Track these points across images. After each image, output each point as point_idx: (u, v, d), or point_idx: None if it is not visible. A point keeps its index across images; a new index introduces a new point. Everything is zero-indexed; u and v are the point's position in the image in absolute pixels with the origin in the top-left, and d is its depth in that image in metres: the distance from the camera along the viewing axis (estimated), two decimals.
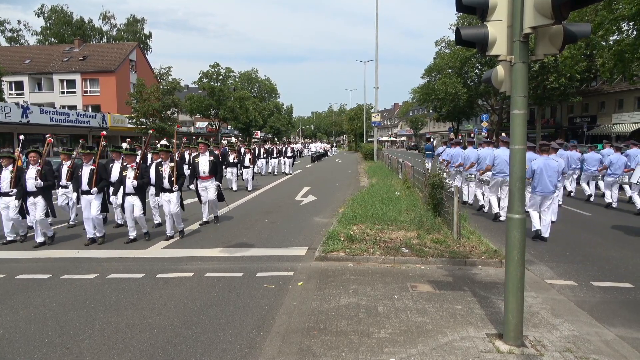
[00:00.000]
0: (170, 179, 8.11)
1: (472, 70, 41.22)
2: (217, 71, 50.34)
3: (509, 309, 3.92)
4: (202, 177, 9.52)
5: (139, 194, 7.92)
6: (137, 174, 7.83)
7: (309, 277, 5.92)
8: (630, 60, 20.72)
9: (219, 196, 9.67)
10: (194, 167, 9.62)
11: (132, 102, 36.52)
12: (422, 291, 5.34)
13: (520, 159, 3.85)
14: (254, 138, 50.40)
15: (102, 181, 8.05)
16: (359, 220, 8.85)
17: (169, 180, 8.13)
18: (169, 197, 8.15)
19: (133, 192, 7.86)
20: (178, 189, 8.20)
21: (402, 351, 3.83)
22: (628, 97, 34.29)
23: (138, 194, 7.90)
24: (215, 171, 9.56)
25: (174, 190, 8.12)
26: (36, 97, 44.35)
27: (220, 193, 9.65)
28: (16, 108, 28.04)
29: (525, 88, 3.75)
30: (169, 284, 5.78)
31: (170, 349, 4.00)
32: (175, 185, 8.10)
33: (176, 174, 8.12)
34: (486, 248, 6.96)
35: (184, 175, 8.89)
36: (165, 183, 8.17)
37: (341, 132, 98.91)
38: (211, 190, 9.50)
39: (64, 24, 58.92)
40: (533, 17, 3.49)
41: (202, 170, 9.49)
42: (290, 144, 28.20)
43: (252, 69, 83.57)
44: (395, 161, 20.84)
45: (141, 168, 7.97)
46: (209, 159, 9.56)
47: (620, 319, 4.69)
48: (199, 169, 9.49)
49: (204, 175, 9.50)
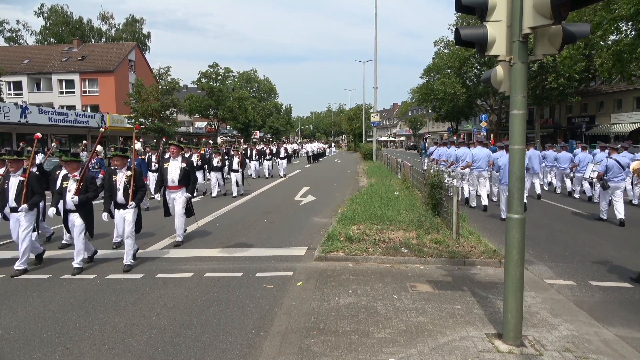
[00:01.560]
0: (126, 192, 6.50)
1: (471, 70, 41.30)
2: (216, 71, 50.31)
3: (508, 309, 3.92)
4: (171, 187, 7.84)
5: (83, 210, 6.35)
6: (80, 187, 6.29)
7: (308, 277, 5.92)
8: (628, 60, 20.79)
9: (187, 211, 7.96)
10: (162, 174, 7.96)
11: (131, 102, 36.48)
12: (422, 291, 5.35)
13: (520, 159, 3.85)
14: (252, 138, 50.38)
15: (36, 196, 6.55)
16: (358, 220, 8.85)
17: (123, 193, 6.51)
18: (123, 214, 6.55)
19: (74, 209, 6.33)
20: (135, 205, 6.52)
21: (401, 351, 3.84)
22: (627, 97, 34.36)
23: (81, 210, 6.34)
24: (187, 180, 7.86)
25: (130, 207, 6.48)
26: (35, 97, 44.26)
27: (189, 207, 7.98)
28: (15, 108, 28.00)
29: (524, 88, 3.76)
30: (168, 284, 5.78)
31: (169, 349, 4.00)
32: (131, 201, 6.47)
33: (134, 186, 6.53)
34: (485, 248, 6.98)
35: (145, 187, 7.07)
36: (119, 196, 6.55)
37: (340, 132, 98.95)
38: (178, 202, 7.81)
39: (63, 24, 58.87)
40: (532, 18, 3.50)
41: (171, 178, 7.78)
42: (284, 145, 26.62)
43: (251, 69, 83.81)
44: (395, 161, 20.85)
45: (86, 179, 6.42)
46: (181, 165, 7.83)
47: (620, 318, 4.69)
48: (167, 177, 7.83)
49: (173, 185, 7.80)
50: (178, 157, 7.92)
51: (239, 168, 14.35)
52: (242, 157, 14.80)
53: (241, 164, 14.42)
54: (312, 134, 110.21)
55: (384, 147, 69.01)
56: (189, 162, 7.99)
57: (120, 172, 6.61)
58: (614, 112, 35.72)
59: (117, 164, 6.62)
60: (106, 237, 8.38)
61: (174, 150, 7.89)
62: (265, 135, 69.97)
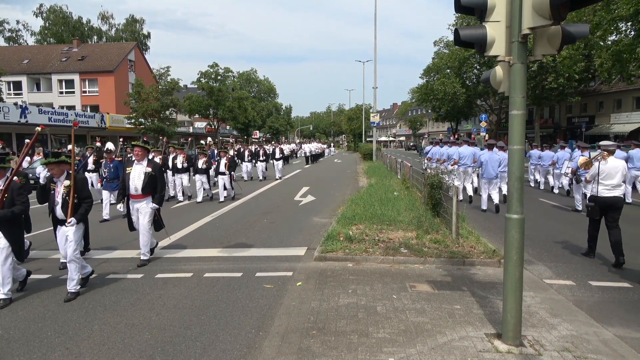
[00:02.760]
0: (65, 205, 5.39)
1: (471, 70, 41.35)
2: (215, 71, 50.30)
3: (507, 309, 3.93)
4: (134, 196, 6.64)
5: (7, 228, 5.20)
6: (4, 199, 5.16)
7: (308, 277, 5.93)
8: (628, 61, 20.80)
9: (156, 224, 6.89)
10: (124, 181, 6.77)
11: (131, 102, 36.50)
12: (421, 291, 5.35)
13: (519, 159, 3.85)
14: (252, 138, 50.36)
15: None
16: (358, 220, 8.86)
17: (62, 206, 5.41)
18: (65, 232, 5.42)
19: None
20: (75, 222, 5.35)
21: (401, 351, 3.84)
22: (626, 97, 34.38)
23: (5, 228, 5.20)
24: (154, 188, 6.68)
25: (68, 225, 5.33)
26: (35, 97, 44.28)
27: (157, 220, 6.85)
28: (15, 108, 28.03)
29: (523, 88, 3.76)
30: (168, 284, 5.78)
31: (169, 349, 4.01)
32: (70, 216, 5.32)
33: (74, 198, 5.38)
34: (485, 248, 6.98)
35: (90, 199, 5.64)
36: (57, 211, 5.46)
37: (340, 132, 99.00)
38: (143, 214, 6.63)
39: (62, 24, 58.85)
40: (531, 18, 3.50)
41: (134, 186, 6.56)
42: (279, 145, 25.08)
43: (251, 69, 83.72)
44: (394, 161, 20.86)
45: (12, 190, 5.23)
46: (145, 170, 6.62)
47: (619, 318, 4.70)
48: (129, 184, 6.62)
49: (136, 194, 6.60)
50: (143, 160, 6.74)
51: (226, 171, 13.40)
52: (229, 158, 13.79)
53: (229, 166, 13.46)
54: (312, 134, 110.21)
55: (383, 147, 69.06)
56: (155, 167, 6.81)
57: (57, 181, 5.49)
58: (614, 112, 35.74)
59: (54, 173, 5.46)
60: (106, 235, 8.37)
61: (139, 153, 6.71)
62: (265, 135, 69.97)
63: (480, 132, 38.83)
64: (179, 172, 13.34)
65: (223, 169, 13.41)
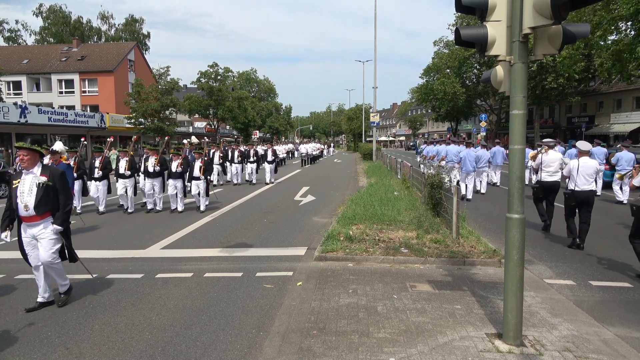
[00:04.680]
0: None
1: (471, 70, 41.38)
2: (215, 71, 50.36)
3: (508, 309, 3.92)
4: (26, 218, 4.86)
5: None
6: None
7: (308, 277, 5.93)
8: (628, 60, 20.80)
9: (68, 254, 5.25)
10: (10, 197, 4.93)
11: (131, 102, 36.48)
12: (422, 291, 5.35)
13: (520, 159, 3.85)
14: (252, 138, 50.33)
15: None
16: (358, 220, 8.85)
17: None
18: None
19: None
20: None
21: (401, 351, 3.84)
22: (626, 97, 34.39)
23: None
24: (54, 205, 4.94)
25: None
26: (34, 97, 44.24)
27: (68, 248, 5.19)
28: (14, 108, 27.99)
29: (524, 88, 3.76)
30: (168, 284, 5.78)
31: (170, 349, 4.00)
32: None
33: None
34: (485, 248, 6.98)
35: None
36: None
37: (340, 132, 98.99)
38: (44, 244, 4.88)
39: (62, 24, 58.83)
40: (532, 18, 3.50)
41: (23, 203, 4.78)
42: (272, 146, 22.09)
43: (251, 69, 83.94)
44: (394, 161, 20.87)
45: None
46: (39, 181, 4.83)
47: (619, 318, 4.70)
48: (15, 202, 4.84)
49: (27, 215, 4.81)
50: (34, 167, 4.90)
51: (201, 175, 11.42)
52: (205, 162, 11.72)
53: (204, 170, 11.48)
54: (312, 134, 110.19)
55: (383, 147, 69.08)
56: (54, 174, 4.96)
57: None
58: (614, 112, 35.75)
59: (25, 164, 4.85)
60: (106, 234, 8.37)
61: (26, 158, 4.84)
62: (265, 134, 69.95)
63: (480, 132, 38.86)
64: (150, 176, 11.39)
65: (197, 173, 11.48)
